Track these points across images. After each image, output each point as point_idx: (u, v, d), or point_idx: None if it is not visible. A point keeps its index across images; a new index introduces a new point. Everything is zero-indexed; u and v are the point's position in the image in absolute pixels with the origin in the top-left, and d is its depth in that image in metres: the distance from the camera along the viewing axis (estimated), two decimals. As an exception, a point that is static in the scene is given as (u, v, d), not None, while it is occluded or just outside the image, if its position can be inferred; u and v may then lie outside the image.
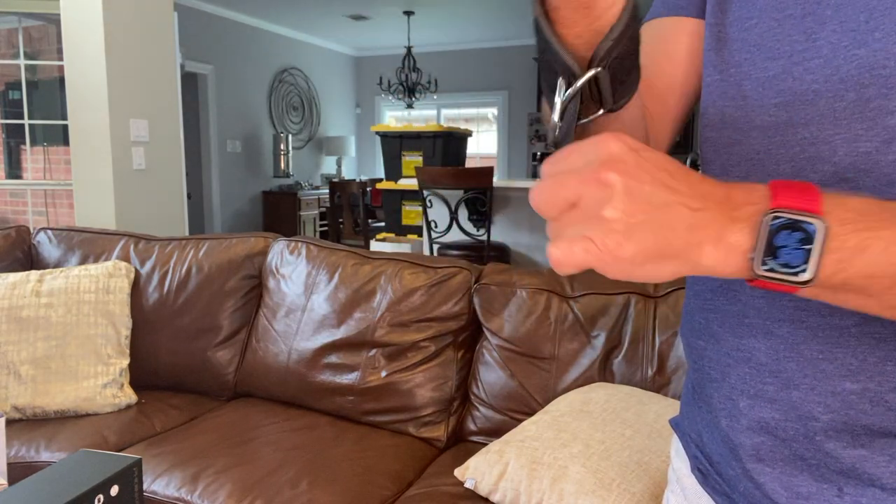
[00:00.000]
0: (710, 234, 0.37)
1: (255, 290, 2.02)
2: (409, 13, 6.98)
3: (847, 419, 0.47)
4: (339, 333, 1.80)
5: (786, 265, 0.37)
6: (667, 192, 0.37)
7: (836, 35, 0.47)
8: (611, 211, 0.36)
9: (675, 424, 0.66)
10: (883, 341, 0.46)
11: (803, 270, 0.37)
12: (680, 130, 0.65)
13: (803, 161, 0.48)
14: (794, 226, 0.36)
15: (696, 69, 0.63)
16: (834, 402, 0.47)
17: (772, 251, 0.37)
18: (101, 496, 0.63)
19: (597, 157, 0.37)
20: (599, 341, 1.59)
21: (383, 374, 1.74)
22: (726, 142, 0.54)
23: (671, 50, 0.63)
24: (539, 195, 0.39)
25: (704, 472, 0.60)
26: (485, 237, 3.45)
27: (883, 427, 0.46)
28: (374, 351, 1.77)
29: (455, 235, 3.57)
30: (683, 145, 7.15)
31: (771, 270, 0.37)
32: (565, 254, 0.37)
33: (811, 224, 0.36)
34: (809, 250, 0.37)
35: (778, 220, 0.37)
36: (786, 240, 0.37)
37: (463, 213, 3.73)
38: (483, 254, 3.45)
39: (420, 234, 4.29)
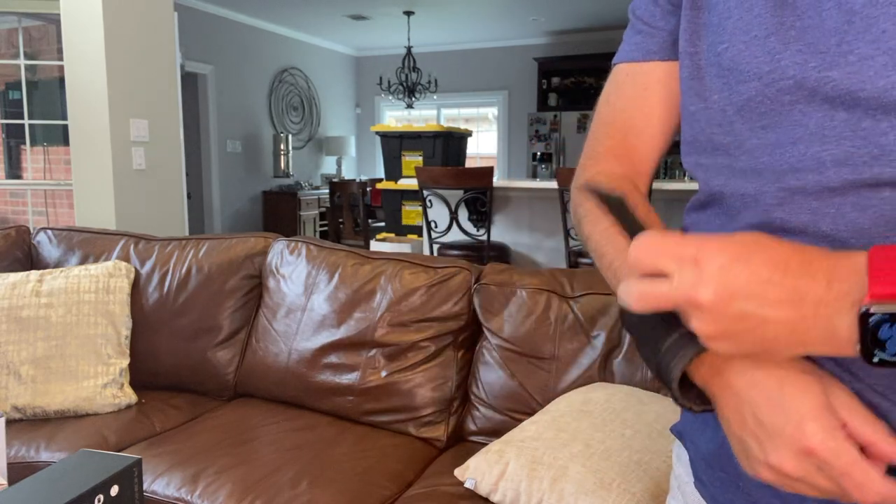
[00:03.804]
0: (814, 337, 0.39)
1: (255, 290, 2.02)
2: (409, 13, 6.98)
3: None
4: (339, 333, 1.80)
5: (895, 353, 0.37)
6: (762, 313, 0.39)
7: (801, 55, 0.47)
8: (723, 348, 0.42)
9: (678, 433, 0.67)
10: None
11: None
12: (658, 165, 0.70)
13: (790, 177, 0.49)
14: (894, 318, 0.36)
15: (671, 111, 0.66)
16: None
17: (879, 345, 0.37)
18: (101, 496, 0.63)
19: (701, 310, 0.41)
20: (599, 341, 1.59)
21: (383, 374, 1.74)
22: (719, 166, 0.55)
23: (649, 97, 0.66)
24: (637, 302, 0.44)
25: (702, 480, 0.60)
26: (485, 237, 3.45)
27: None
28: (374, 351, 1.77)
29: (455, 235, 3.57)
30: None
31: (882, 361, 0.37)
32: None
33: None
34: None
35: (876, 317, 0.36)
36: (889, 332, 0.36)
37: (463, 213, 3.73)
38: (483, 254, 3.45)
39: (420, 234, 4.29)
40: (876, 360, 0.37)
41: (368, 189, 5.67)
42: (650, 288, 0.42)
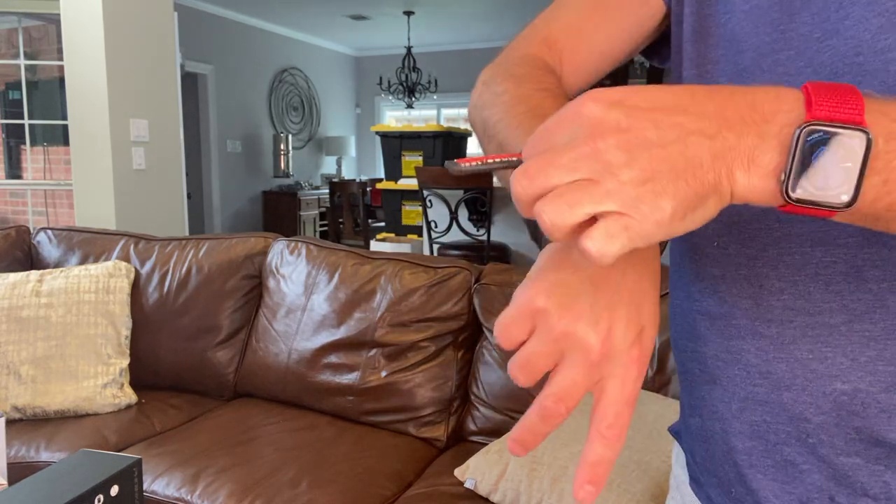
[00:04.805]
0: (738, 157, 0.32)
1: (255, 290, 2.02)
2: (409, 13, 6.98)
3: (839, 421, 0.46)
4: (339, 333, 1.80)
5: (823, 187, 0.32)
6: (674, 129, 0.32)
7: (806, 27, 0.46)
8: (627, 174, 0.31)
9: (675, 433, 0.66)
10: (873, 340, 0.45)
11: (843, 192, 0.32)
12: (585, 89, 0.62)
13: None
14: (828, 140, 0.31)
15: (635, 43, 0.61)
16: (825, 403, 0.47)
17: (807, 171, 0.32)
18: (101, 496, 0.63)
19: (580, 128, 0.33)
20: (599, 341, 1.59)
21: (383, 374, 1.74)
22: None
23: (621, 16, 0.60)
24: (529, 181, 0.34)
25: (698, 480, 0.60)
26: (485, 237, 3.45)
27: (875, 432, 0.45)
28: (374, 351, 1.77)
29: (455, 235, 3.57)
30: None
31: (805, 193, 0.32)
32: (605, 243, 0.32)
33: (853, 138, 0.31)
34: (849, 168, 0.32)
35: (814, 136, 0.31)
36: (823, 157, 0.32)
37: (463, 213, 3.73)
38: (483, 254, 3.45)
39: (420, 234, 4.29)
40: (798, 192, 0.32)
41: (368, 189, 5.67)
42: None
